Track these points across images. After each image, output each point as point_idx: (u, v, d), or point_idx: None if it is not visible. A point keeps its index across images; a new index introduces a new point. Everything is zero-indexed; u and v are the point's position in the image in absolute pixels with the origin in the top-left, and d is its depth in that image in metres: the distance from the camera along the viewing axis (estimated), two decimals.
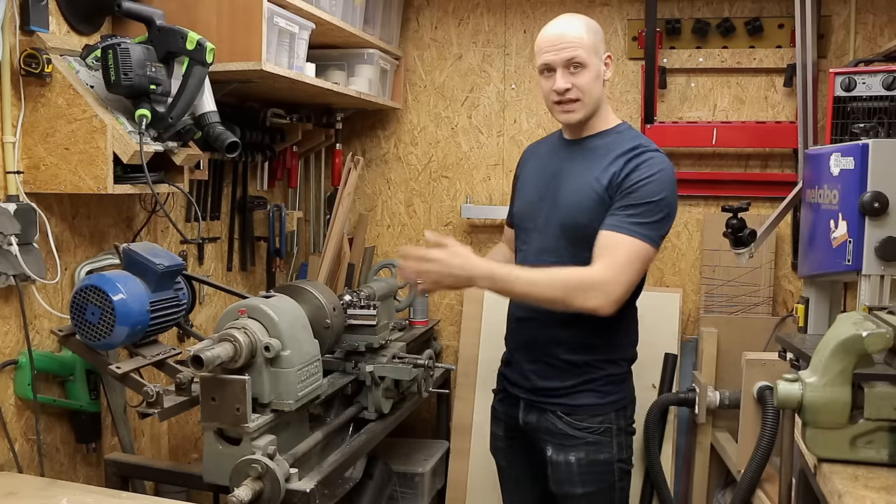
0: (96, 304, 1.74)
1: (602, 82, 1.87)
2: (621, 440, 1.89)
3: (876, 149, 1.96)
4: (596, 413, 1.87)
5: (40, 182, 1.89)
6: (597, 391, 1.88)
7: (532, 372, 1.93)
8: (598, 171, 1.83)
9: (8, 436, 1.86)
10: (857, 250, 1.96)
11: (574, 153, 1.91)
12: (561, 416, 1.89)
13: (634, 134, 1.90)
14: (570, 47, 1.81)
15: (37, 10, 1.84)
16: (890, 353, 1.41)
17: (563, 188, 1.89)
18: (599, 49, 1.85)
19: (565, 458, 1.88)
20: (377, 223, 3.37)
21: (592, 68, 1.83)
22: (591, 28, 1.85)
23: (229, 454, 1.71)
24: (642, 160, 1.79)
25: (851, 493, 1.29)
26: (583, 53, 1.81)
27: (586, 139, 1.90)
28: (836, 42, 2.90)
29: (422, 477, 2.81)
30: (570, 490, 1.89)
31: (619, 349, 1.91)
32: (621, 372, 1.92)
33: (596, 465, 1.87)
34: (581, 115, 1.86)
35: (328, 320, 2.09)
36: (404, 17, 3.24)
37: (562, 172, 1.91)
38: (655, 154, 1.81)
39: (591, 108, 1.86)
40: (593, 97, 1.85)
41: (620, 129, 1.91)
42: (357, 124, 3.33)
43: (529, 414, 1.95)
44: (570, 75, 1.82)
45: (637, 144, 1.83)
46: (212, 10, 2.11)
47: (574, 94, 1.83)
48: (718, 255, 2.96)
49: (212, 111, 2.04)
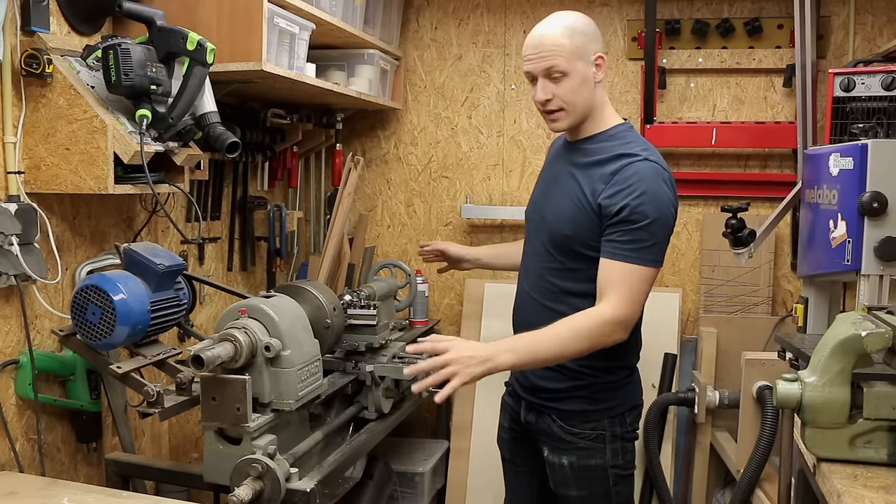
0: (97, 304, 1.75)
1: (594, 85, 1.77)
2: (616, 446, 1.86)
3: (875, 149, 1.96)
4: (588, 419, 1.85)
5: (41, 182, 1.89)
6: (588, 398, 1.85)
7: (531, 371, 1.93)
8: (584, 182, 1.78)
9: (9, 435, 1.86)
10: (857, 250, 1.96)
11: (569, 157, 1.88)
12: (555, 420, 1.88)
13: (629, 138, 1.80)
14: (548, 56, 1.73)
15: (37, 10, 1.85)
16: (889, 352, 1.41)
17: (552, 195, 1.88)
18: (586, 51, 1.74)
19: (559, 460, 1.88)
20: (377, 223, 3.37)
21: (576, 74, 1.74)
22: (575, 30, 1.74)
23: (230, 454, 1.72)
24: (627, 176, 1.71)
25: (850, 493, 1.29)
26: (562, 62, 1.72)
27: (581, 143, 1.86)
28: (835, 42, 2.90)
29: (422, 477, 2.82)
30: (566, 492, 1.90)
31: (617, 357, 1.85)
32: (616, 379, 1.87)
33: (588, 471, 1.86)
34: (566, 123, 1.81)
35: (328, 320, 2.09)
36: (404, 17, 3.24)
37: (557, 177, 1.90)
38: (641, 167, 1.71)
39: (577, 115, 1.79)
40: (579, 105, 1.77)
41: (614, 131, 1.82)
42: (357, 124, 3.34)
43: (529, 413, 1.95)
44: (552, 84, 1.75)
45: (623, 154, 1.74)
46: (212, 10, 2.12)
47: (555, 104, 1.77)
48: (718, 255, 2.96)
49: (212, 111, 2.04)
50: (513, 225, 3.22)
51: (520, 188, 3.22)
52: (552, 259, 1.84)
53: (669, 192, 1.75)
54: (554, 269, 1.84)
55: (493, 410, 2.94)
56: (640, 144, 1.79)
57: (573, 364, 1.83)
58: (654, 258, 1.73)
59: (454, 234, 3.28)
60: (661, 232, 1.72)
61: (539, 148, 3.18)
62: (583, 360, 1.81)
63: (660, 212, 1.71)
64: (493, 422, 2.92)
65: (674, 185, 1.78)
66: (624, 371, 1.90)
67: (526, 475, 2.05)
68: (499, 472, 2.15)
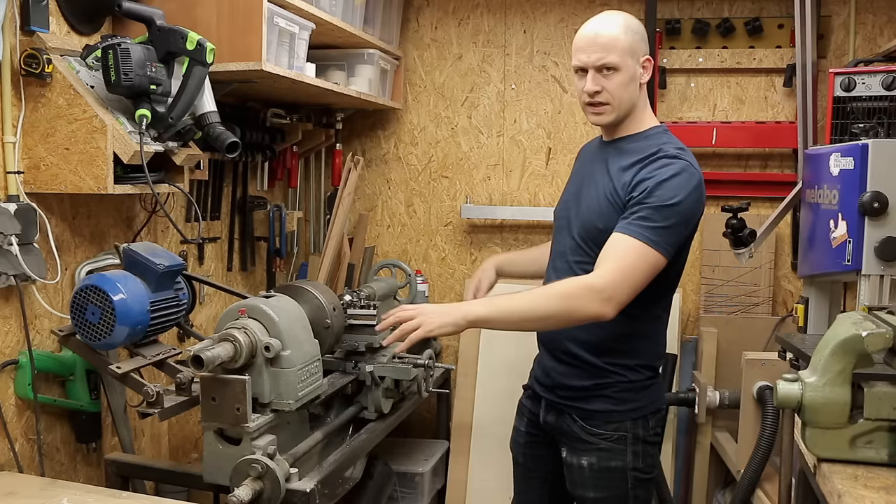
0: (97, 304, 1.74)
1: (638, 85, 1.81)
2: (637, 449, 1.84)
3: (875, 149, 1.96)
4: (610, 420, 1.84)
5: (41, 182, 1.89)
6: (612, 398, 1.84)
7: (553, 369, 1.91)
8: (616, 176, 1.80)
9: (8, 436, 1.86)
10: (857, 250, 1.96)
11: (606, 155, 1.88)
12: (576, 420, 1.86)
13: (665, 139, 1.83)
14: (603, 50, 1.76)
15: (37, 10, 1.84)
16: (889, 352, 1.41)
17: (585, 191, 1.88)
18: (637, 50, 1.79)
19: (578, 461, 1.86)
20: (377, 223, 3.37)
21: (626, 71, 1.77)
22: (630, 28, 1.79)
23: (229, 454, 1.72)
24: (659, 164, 1.74)
25: (851, 493, 1.29)
26: (615, 57, 1.76)
27: (617, 141, 1.87)
28: (835, 42, 2.90)
29: (422, 477, 2.81)
30: (583, 493, 1.88)
31: (640, 355, 1.85)
32: (641, 379, 1.85)
33: (608, 472, 1.84)
34: (610, 118, 1.82)
35: (328, 320, 2.09)
36: (404, 17, 3.24)
37: (592, 174, 1.90)
38: (675, 159, 1.74)
39: (621, 111, 1.82)
40: (624, 101, 1.80)
41: (651, 132, 1.85)
42: (357, 124, 3.33)
43: (549, 414, 1.94)
44: (602, 78, 1.78)
45: (658, 149, 1.77)
46: (212, 10, 2.11)
47: (603, 97, 1.79)
48: (718, 255, 2.96)
49: (212, 111, 2.04)
50: (512, 225, 3.22)
51: (520, 188, 3.21)
52: (583, 253, 1.83)
53: (697, 188, 1.75)
54: (585, 263, 1.82)
55: (493, 411, 2.95)
56: (675, 145, 1.81)
57: (596, 360, 1.83)
58: (662, 242, 1.69)
59: (454, 234, 3.28)
60: (676, 219, 1.71)
61: (539, 148, 3.18)
62: (606, 357, 1.82)
63: (680, 200, 1.70)
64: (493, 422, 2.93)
65: (703, 186, 1.77)
66: (648, 371, 1.88)
67: (538, 480, 2.04)
68: (499, 472, 2.15)
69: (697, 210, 1.77)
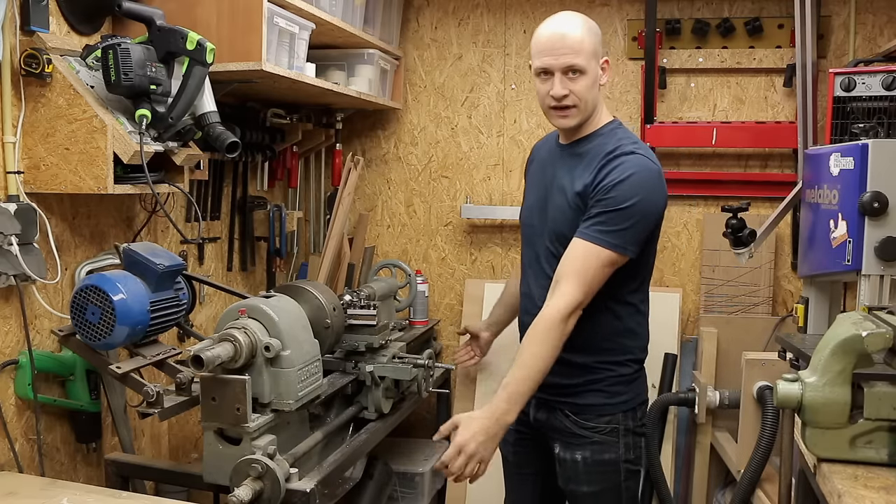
0: (96, 304, 1.74)
1: (598, 87, 1.83)
2: (629, 441, 1.88)
3: (875, 149, 1.96)
4: (603, 413, 1.87)
5: (41, 182, 1.89)
6: (604, 391, 1.87)
7: None
8: (577, 181, 1.82)
9: (8, 436, 1.86)
10: (857, 250, 1.96)
11: (565, 159, 1.90)
12: (568, 415, 1.89)
13: (619, 135, 1.84)
14: (571, 53, 1.76)
15: (37, 10, 1.84)
16: (889, 352, 1.41)
17: (551, 198, 1.90)
18: (599, 52, 1.81)
19: (572, 456, 1.88)
20: (377, 223, 3.37)
21: (591, 74, 1.78)
22: (591, 30, 1.80)
23: (229, 454, 1.72)
24: (615, 165, 1.75)
25: (851, 493, 1.29)
26: (582, 60, 1.76)
27: (575, 143, 1.89)
28: (835, 42, 2.90)
29: (422, 477, 2.81)
30: (576, 488, 1.90)
31: (627, 350, 1.89)
32: (630, 372, 1.90)
33: (601, 465, 1.87)
34: (576, 120, 1.83)
35: (328, 320, 2.09)
36: (404, 17, 3.24)
37: (553, 180, 1.91)
38: (630, 157, 1.76)
39: (586, 113, 1.83)
40: (589, 102, 1.82)
41: (606, 129, 1.86)
42: (357, 124, 3.33)
43: (539, 411, 1.95)
44: (569, 81, 1.78)
45: (614, 148, 1.78)
46: (212, 10, 2.11)
47: (571, 100, 1.80)
48: (718, 255, 2.96)
49: (212, 111, 2.04)
50: (512, 225, 3.22)
51: (520, 188, 3.20)
52: (556, 259, 1.84)
53: (654, 181, 1.77)
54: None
55: None
56: (630, 140, 1.83)
57: (587, 360, 1.86)
58: (621, 243, 1.73)
59: (454, 234, 3.28)
60: (637, 218, 1.73)
61: None
62: (596, 356, 1.86)
63: (639, 199, 1.73)
64: None
65: (662, 178, 1.80)
66: (636, 364, 1.92)
67: (529, 477, 2.05)
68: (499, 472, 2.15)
69: (659, 203, 1.80)
